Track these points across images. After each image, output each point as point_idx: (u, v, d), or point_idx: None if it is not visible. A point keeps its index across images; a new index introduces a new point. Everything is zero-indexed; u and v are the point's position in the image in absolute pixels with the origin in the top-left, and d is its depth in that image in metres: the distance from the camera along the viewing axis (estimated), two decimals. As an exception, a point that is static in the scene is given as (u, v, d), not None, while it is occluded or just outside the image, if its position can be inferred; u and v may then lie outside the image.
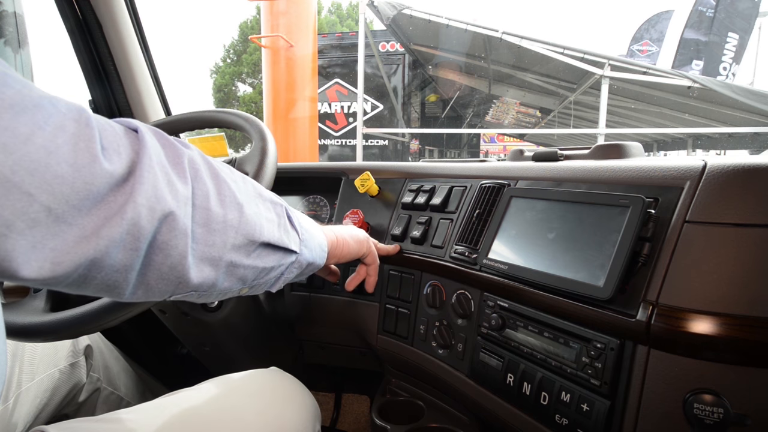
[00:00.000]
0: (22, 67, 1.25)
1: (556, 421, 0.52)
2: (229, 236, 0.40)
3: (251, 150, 0.72)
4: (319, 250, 0.56)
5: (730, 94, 5.12)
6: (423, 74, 8.83)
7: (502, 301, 0.62)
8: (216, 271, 0.40)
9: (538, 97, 8.12)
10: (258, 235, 0.43)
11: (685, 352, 0.42)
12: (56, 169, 0.28)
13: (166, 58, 66.27)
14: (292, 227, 0.50)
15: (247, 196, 0.43)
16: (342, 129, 8.66)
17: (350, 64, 8.21)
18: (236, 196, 0.41)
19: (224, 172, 0.42)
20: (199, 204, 0.38)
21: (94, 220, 0.30)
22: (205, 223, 0.38)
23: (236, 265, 0.42)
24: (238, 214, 0.41)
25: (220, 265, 0.41)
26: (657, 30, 9.07)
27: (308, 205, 1.12)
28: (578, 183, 0.59)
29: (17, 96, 0.26)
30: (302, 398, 0.67)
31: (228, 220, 0.40)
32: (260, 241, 0.44)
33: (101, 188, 0.30)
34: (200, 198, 0.38)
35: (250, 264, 0.44)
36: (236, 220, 0.41)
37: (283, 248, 0.48)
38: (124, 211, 0.31)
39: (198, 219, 0.38)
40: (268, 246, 0.46)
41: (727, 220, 0.42)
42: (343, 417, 1.32)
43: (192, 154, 0.39)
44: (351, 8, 19.11)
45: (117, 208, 0.31)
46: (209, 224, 0.38)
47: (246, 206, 0.42)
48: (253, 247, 0.44)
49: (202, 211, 0.38)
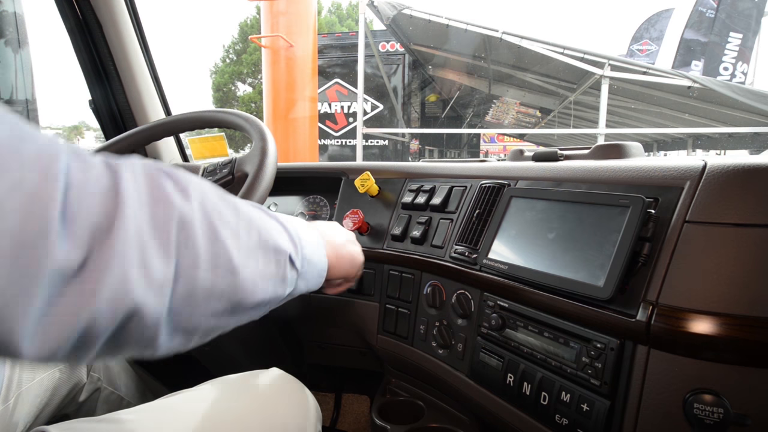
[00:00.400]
0: (23, 67, 1.25)
1: (556, 421, 0.52)
2: (212, 305, 0.34)
3: (251, 150, 0.72)
4: (317, 278, 0.51)
5: (730, 94, 5.12)
6: (423, 74, 8.84)
7: (502, 301, 0.62)
8: (190, 338, 0.35)
9: (538, 97, 8.12)
10: (250, 298, 0.38)
11: (685, 352, 0.42)
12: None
13: (166, 58, 66.26)
14: (293, 267, 0.44)
15: (247, 253, 0.37)
16: (342, 129, 8.66)
17: (350, 64, 8.21)
18: (232, 258, 0.35)
19: (226, 228, 0.35)
20: (184, 275, 0.31)
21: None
22: (187, 295, 0.31)
23: (216, 328, 0.37)
24: (231, 279, 0.35)
25: (197, 332, 0.35)
26: (657, 29, 9.08)
27: (308, 205, 1.12)
28: (578, 183, 0.59)
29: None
30: (302, 398, 0.67)
31: (216, 290, 0.34)
32: (251, 303, 0.38)
33: (48, 281, 0.23)
34: (186, 268, 0.31)
35: (233, 323, 0.39)
36: (227, 287, 0.35)
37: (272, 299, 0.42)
38: (77, 313, 0.24)
39: (179, 292, 0.31)
40: (259, 303, 0.40)
41: (727, 220, 0.42)
42: (343, 417, 1.32)
43: (185, 213, 0.31)
44: (351, 8, 19.11)
45: (67, 310, 0.24)
46: (192, 296, 0.32)
47: (242, 269, 0.36)
48: (241, 310, 0.38)
49: (186, 283, 0.31)
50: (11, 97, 1.24)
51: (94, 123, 1.26)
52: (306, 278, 0.48)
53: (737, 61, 6.73)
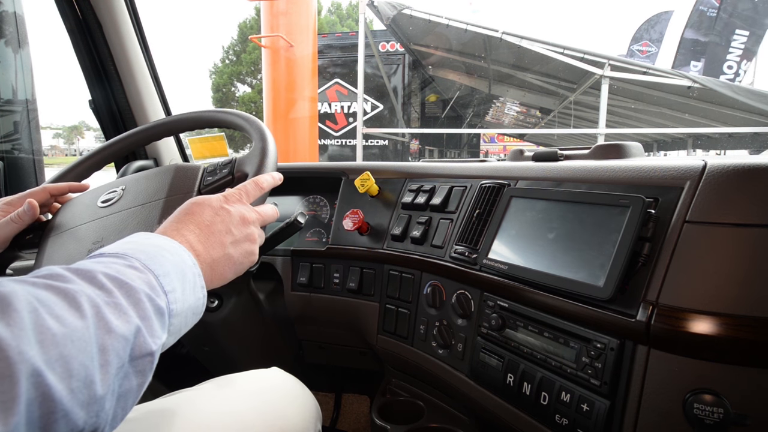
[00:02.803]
0: (23, 67, 1.25)
1: (556, 421, 0.52)
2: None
3: (251, 150, 0.72)
4: (192, 319, 0.42)
5: (730, 94, 5.12)
6: (423, 74, 8.84)
7: (502, 301, 0.62)
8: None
9: (538, 97, 8.13)
10: (108, 429, 0.31)
11: (685, 352, 0.42)
12: None
13: (166, 58, 66.30)
14: (153, 356, 0.35)
15: (100, 403, 0.29)
16: (342, 129, 8.66)
17: (350, 64, 8.22)
18: (78, 424, 0.28)
19: (70, 394, 0.27)
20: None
21: None
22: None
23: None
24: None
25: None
26: (656, 30, 9.08)
27: (308, 205, 1.12)
28: (578, 183, 0.59)
29: None
30: (303, 398, 0.67)
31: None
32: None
33: None
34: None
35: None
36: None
37: None
38: None
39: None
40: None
41: (727, 220, 0.42)
42: (343, 417, 1.32)
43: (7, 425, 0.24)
44: (351, 8, 19.12)
45: None
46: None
47: (89, 426, 0.29)
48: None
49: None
50: (11, 97, 1.24)
51: (94, 123, 1.26)
52: (175, 333, 0.40)
53: (741, 59, 6.71)
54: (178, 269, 0.40)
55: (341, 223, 0.89)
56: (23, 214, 0.68)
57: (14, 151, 1.23)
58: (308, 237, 1.04)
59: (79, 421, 0.28)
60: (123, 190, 0.72)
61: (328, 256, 0.92)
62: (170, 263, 0.40)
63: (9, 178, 1.19)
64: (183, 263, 0.41)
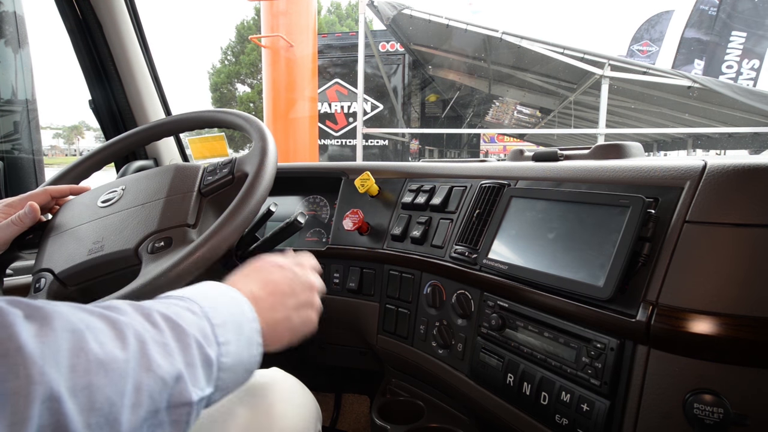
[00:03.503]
0: (23, 67, 1.25)
1: (556, 421, 0.52)
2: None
3: (251, 150, 0.72)
4: (244, 376, 0.40)
5: (730, 94, 5.12)
6: (423, 74, 8.84)
7: (502, 301, 0.62)
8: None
9: (538, 97, 8.12)
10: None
11: (685, 352, 0.42)
12: None
13: (165, 58, 66.33)
14: (200, 402, 0.35)
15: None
16: (342, 129, 8.66)
17: (350, 64, 8.21)
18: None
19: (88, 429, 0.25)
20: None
21: None
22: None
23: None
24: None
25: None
26: (657, 30, 9.08)
27: (308, 205, 1.12)
28: (578, 183, 0.59)
29: None
30: (303, 398, 0.67)
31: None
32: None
33: None
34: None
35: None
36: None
37: None
38: None
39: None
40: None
41: (727, 220, 0.42)
42: (343, 417, 1.32)
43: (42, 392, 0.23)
44: (350, 8, 19.11)
45: None
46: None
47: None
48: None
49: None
50: (11, 97, 1.24)
51: (94, 123, 1.26)
52: (223, 389, 0.38)
53: (742, 58, 6.68)
54: (236, 322, 0.39)
55: (341, 223, 0.89)
56: (24, 217, 0.68)
57: (14, 151, 1.23)
58: (308, 237, 1.04)
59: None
60: (123, 190, 0.72)
61: (328, 256, 0.92)
62: (229, 314, 0.39)
63: (9, 178, 1.19)
64: (242, 316, 0.40)
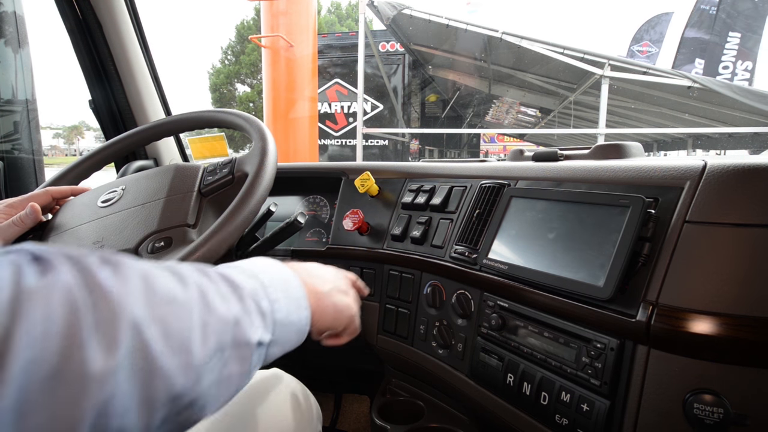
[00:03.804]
0: (23, 67, 1.25)
1: (556, 421, 0.52)
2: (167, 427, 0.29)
3: (251, 150, 0.72)
4: (296, 337, 0.44)
5: (730, 95, 5.12)
6: (423, 74, 8.84)
7: (502, 301, 0.62)
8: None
9: (538, 97, 8.12)
10: (197, 417, 0.32)
11: (685, 352, 0.42)
12: None
13: (165, 58, 66.30)
14: (260, 346, 0.38)
15: (198, 372, 0.30)
16: (342, 129, 8.66)
17: (350, 64, 8.21)
18: (175, 386, 0.29)
19: (168, 353, 0.28)
20: (101, 427, 0.24)
21: None
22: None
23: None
24: (172, 409, 0.29)
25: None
26: (657, 31, 9.09)
27: (308, 205, 1.12)
28: (578, 183, 0.59)
29: None
30: (303, 398, 0.68)
31: (153, 425, 0.28)
32: (209, 413, 0.33)
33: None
34: (102, 426, 0.24)
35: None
36: (168, 417, 0.29)
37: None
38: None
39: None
40: (220, 407, 0.35)
41: (727, 220, 0.42)
42: (343, 417, 1.32)
43: (107, 368, 0.24)
44: (350, 8, 19.11)
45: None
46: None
47: (189, 393, 0.30)
48: (198, 420, 0.33)
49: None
50: (11, 97, 1.24)
51: (94, 123, 1.26)
52: (280, 343, 0.41)
53: (737, 59, 6.70)
54: (284, 283, 0.42)
55: (341, 223, 0.89)
56: (25, 218, 0.68)
57: (14, 151, 1.23)
58: (308, 237, 1.04)
59: (177, 384, 0.28)
60: (123, 190, 0.72)
61: (328, 256, 0.92)
62: (277, 277, 0.42)
63: (9, 178, 1.19)
64: (289, 281, 0.43)
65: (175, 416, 0.29)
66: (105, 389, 0.24)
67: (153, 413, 0.27)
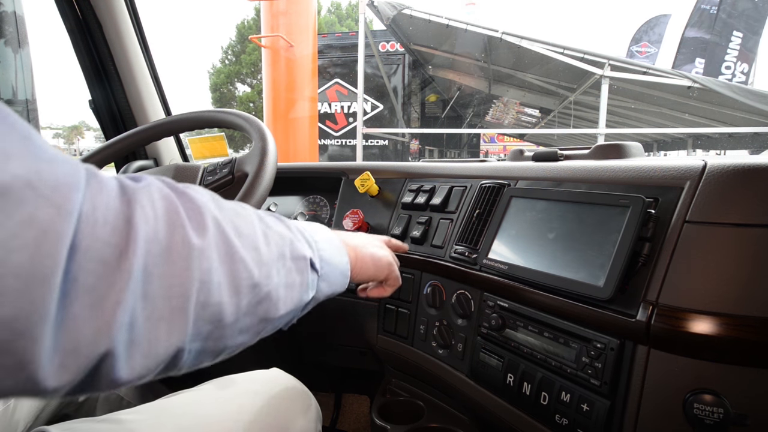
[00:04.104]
0: (22, 67, 1.25)
1: (556, 421, 0.52)
2: (239, 324, 0.34)
3: (251, 150, 0.72)
4: (341, 278, 0.50)
5: (730, 94, 5.12)
6: (423, 74, 8.83)
7: (502, 301, 0.62)
8: (216, 357, 0.35)
9: (538, 97, 8.12)
10: (275, 311, 0.38)
11: (685, 352, 0.42)
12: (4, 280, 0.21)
13: (166, 58, 66.28)
14: (314, 271, 0.44)
15: (267, 267, 0.36)
16: (342, 129, 8.66)
17: (350, 64, 8.21)
18: (253, 276, 0.34)
19: (243, 247, 0.34)
20: (204, 301, 0.30)
21: (53, 358, 0.23)
22: (212, 320, 0.31)
23: (242, 344, 0.36)
24: (254, 296, 0.35)
25: (225, 351, 0.35)
26: (655, 32, 9.10)
27: (308, 205, 1.12)
28: (578, 183, 0.59)
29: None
30: (303, 398, 0.68)
31: (241, 309, 0.34)
32: (277, 316, 0.38)
33: (56, 313, 0.22)
34: (206, 294, 0.30)
35: (260, 336, 0.38)
36: (251, 304, 0.34)
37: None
38: (86, 351, 0.24)
39: (203, 317, 0.31)
40: (285, 314, 0.40)
41: (727, 220, 0.42)
42: (343, 417, 1.32)
43: (201, 243, 0.30)
44: (350, 8, 19.10)
45: (77, 342, 0.24)
46: (217, 321, 0.32)
47: (264, 284, 0.36)
48: (268, 323, 0.38)
49: (208, 308, 0.31)
50: (11, 97, 1.24)
51: (94, 123, 1.26)
52: (328, 280, 0.47)
53: (738, 60, 6.68)
54: (323, 233, 0.49)
55: (341, 223, 0.89)
56: None
57: (14, 151, 1.22)
58: (308, 237, 1.04)
59: (254, 274, 0.34)
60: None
61: (328, 256, 0.92)
62: (317, 228, 0.49)
63: (9, 178, 1.18)
64: (325, 233, 0.50)
65: (255, 305, 0.35)
66: (203, 262, 0.30)
67: (240, 296, 0.33)
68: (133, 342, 0.26)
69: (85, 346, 0.24)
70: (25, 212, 0.21)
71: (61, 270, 0.22)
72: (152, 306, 0.27)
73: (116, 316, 0.25)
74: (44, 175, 0.22)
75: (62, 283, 0.23)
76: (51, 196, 0.22)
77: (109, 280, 0.24)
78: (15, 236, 0.21)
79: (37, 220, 0.22)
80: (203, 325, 0.31)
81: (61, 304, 0.23)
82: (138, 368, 0.27)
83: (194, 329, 0.30)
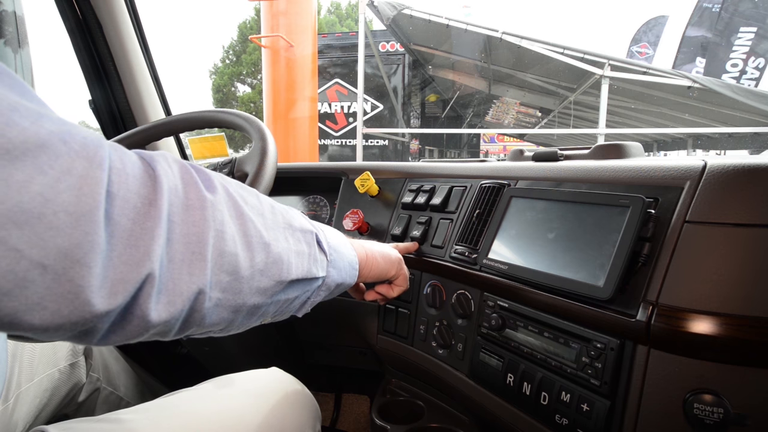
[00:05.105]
0: (22, 67, 1.25)
1: (556, 421, 0.52)
2: (254, 281, 0.37)
3: (251, 150, 0.72)
4: (350, 268, 0.53)
5: (730, 95, 5.11)
6: (423, 74, 8.83)
7: (502, 301, 0.62)
8: (236, 315, 0.38)
9: (538, 97, 8.12)
10: (286, 274, 0.40)
11: (685, 352, 0.42)
12: (52, 219, 0.24)
13: (166, 58, 66.29)
14: (321, 251, 0.47)
15: (274, 231, 0.40)
16: (342, 129, 8.65)
17: (350, 64, 8.20)
18: (262, 234, 0.38)
19: (249, 209, 0.38)
20: (220, 249, 0.34)
21: (101, 282, 0.27)
22: (228, 271, 0.35)
23: (259, 306, 0.39)
24: (265, 255, 0.38)
25: (242, 310, 0.38)
26: (654, 33, 9.10)
27: (308, 205, 1.12)
28: (578, 183, 0.59)
29: (21, 136, 0.23)
30: (302, 398, 0.68)
31: (255, 265, 0.37)
32: (288, 280, 0.41)
33: (101, 249, 0.26)
34: (222, 243, 0.34)
35: (274, 301, 0.41)
36: (263, 262, 0.38)
37: (309, 278, 0.45)
38: (130, 278, 0.28)
39: (221, 266, 0.34)
40: (295, 281, 0.42)
41: (727, 220, 0.42)
42: (343, 417, 1.32)
43: (213, 198, 0.34)
44: (350, 8, 19.10)
45: (122, 273, 0.28)
46: (233, 272, 0.35)
47: (274, 244, 0.39)
48: (280, 287, 0.40)
49: (223, 257, 0.34)
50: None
51: (94, 123, 1.26)
52: (336, 267, 0.50)
53: (748, 56, 6.55)
54: (329, 228, 0.52)
55: (341, 223, 0.89)
56: None
57: (14, 151, 1.22)
58: (308, 237, 1.04)
59: (264, 234, 0.38)
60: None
61: (328, 256, 0.92)
62: (322, 226, 0.51)
63: (9, 178, 1.18)
64: (335, 230, 0.53)
65: (269, 265, 0.38)
66: (216, 213, 0.34)
67: (253, 252, 0.37)
68: (161, 278, 0.30)
69: (128, 273, 0.28)
70: (64, 162, 0.25)
71: (102, 210, 0.27)
72: (175, 249, 0.31)
73: (150, 254, 0.29)
74: (73, 134, 0.26)
75: (105, 221, 0.27)
76: (81, 151, 0.26)
77: (141, 225, 0.29)
78: (59, 180, 0.25)
79: (74, 168, 0.26)
80: (221, 274, 0.34)
81: (107, 238, 0.27)
82: (165, 305, 0.31)
83: (213, 275, 0.33)
